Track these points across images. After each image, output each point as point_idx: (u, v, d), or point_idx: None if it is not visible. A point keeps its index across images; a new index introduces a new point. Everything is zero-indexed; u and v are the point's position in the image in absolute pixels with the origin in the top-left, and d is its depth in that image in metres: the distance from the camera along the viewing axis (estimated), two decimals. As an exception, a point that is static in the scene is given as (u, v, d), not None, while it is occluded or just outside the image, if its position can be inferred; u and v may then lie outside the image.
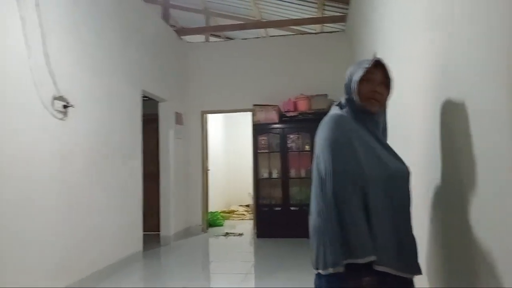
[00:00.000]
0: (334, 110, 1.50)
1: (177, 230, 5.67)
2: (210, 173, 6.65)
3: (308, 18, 6.25)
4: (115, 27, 4.21)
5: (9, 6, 2.75)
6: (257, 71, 6.25)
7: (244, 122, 8.15)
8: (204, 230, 6.24)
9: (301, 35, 6.51)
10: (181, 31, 6.47)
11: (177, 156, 5.80)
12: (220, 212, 7.29)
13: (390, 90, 1.44)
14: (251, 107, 5.97)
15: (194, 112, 6.34)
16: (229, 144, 8.95)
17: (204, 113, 6.41)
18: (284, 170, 5.75)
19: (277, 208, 5.70)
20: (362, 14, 4.06)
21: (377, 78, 1.41)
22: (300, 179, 5.72)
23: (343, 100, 1.50)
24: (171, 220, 5.52)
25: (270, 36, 7.09)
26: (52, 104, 3.14)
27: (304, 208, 5.55)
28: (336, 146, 1.37)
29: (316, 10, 6.16)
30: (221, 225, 6.81)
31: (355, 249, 1.28)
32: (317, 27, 6.71)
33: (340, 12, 5.87)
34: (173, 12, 6.54)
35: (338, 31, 6.27)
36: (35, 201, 2.91)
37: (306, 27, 6.70)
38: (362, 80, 1.40)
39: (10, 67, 2.74)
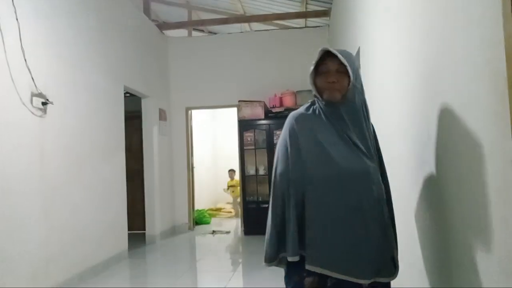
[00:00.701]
0: (300, 108, 1.53)
1: (163, 229, 5.59)
2: (196, 170, 6.57)
3: (291, 12, 6.21)
4: (94, 21, 4.09)
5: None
6: (241, 66, 6.18)
7: (230, 118, 8.10)
8: (190, 228, 6.17)
9: (285, 29, 6.47)
10: (163, 26, 6.36)
11: (162, 153, 5.71)
12: (207, 210, 7.22)
13: (351, 76, 1.37)
14: (236, 102, 5.92)
15: (178, 108, 6.25)
16: (215, 140, 8.87)
17: (188, 109, 6.32)
18: (271, 166, 5.70)
19: (264, 205, 5.67)
20: (346, 9, 4.05)
21: (331, 67, 1.39)
22: (287, 175, 5.69)
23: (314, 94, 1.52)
24: (157, 219, 5.43)
25: (254, 30, 7.04)
26: (31, 101, 3.03)
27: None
28: (281, 148, 1.45)
29: (299, 4, 6.13)
30: (208, 223, 6.75)
31: (287, 246, 1.37)
32: (301, 22, 6.69)
33: (323, 7, 5.86)
34: (154, 6, 6.42)
35: (322, 26, 6.26)
36: (13, 201, 2.80)
37: (290, 21, 6.67)
38: (318, 74, 1.42)
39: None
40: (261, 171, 5.81)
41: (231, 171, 7.92)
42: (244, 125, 5.80)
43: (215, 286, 3.56)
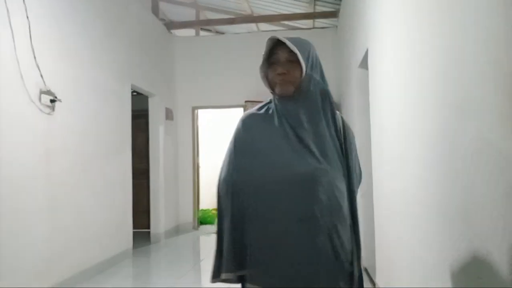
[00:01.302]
0: (253, 108, 1.43)
1: (167, 228, 5.61)
2: (201, 170, 6.58)
3: (299, 13, 6.20)
4: (102, 20, 4.11)
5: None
6: (248, 67, 6.14)
7: (236, 118, 8.08)
8: (195, 228, 6.18)
9: (293, 30, 6.46)
10: (170, 25, 6.37)
11: (167, 152, 5.72)
12: (212, 210, 7.22)
13: (302, 65, 1.21)
14: (243, 103, 5.91)
15: (185, 107, 6.26)
16: (221, 140, 8.86)
17: (195, 108, 6.33)
18: (276, 166, 5.69)
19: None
20: (355, 10, 4.03)
21: (280, 58, 1.24)
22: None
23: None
24: (162, 218, 5.45)
25: (262, 31, 7.04)
26: (40, 98, 3.05)
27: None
28: (227, 151, 1.34)
29: (307, 5, 6.12)
30: (212, 223, 6.73)
31: (225, 263, 1.25)
32: (308, 23, 6.67)
33: (332, 8, 5.84)
34: (162, 5, 6.44)
35: (330, 27, 6.24)
36: (18, 198, 2.82)
37: (297, 22, 6.66)
38: (269, 66, 1.29)
39: (-6, 59, 2.64)
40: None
41: None
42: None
43: (219, 286, 3.56)
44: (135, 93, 5.11)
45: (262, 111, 1.34)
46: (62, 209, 3.30)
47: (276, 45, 1.26)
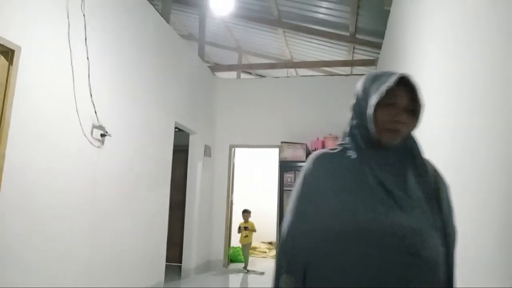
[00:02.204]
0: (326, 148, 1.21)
1: (198, 263, 5.64)
2: (234, 207, 6.65)
3: (338, 60, 6.38)
4: (153, 61, 4.43)
5: (60, 39, 2.97)
6: (286, 109, 6.35)
7: (271, 158, 8.20)
8: (225, 265, 6.16)
9: (331, 76, 6.62)
10: (215, 68, 6.72)
11: (204, 187, 5.87)
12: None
13: (418, 118, 1.04)
14: (278, 143, 6.03)
15: (222, 145, 6.46)
16: (254, 179, 8.95)
17: (232, 147, 6.51)
18: (309, 209, 5.67)
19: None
20: (393, 59, 4.12)
21: (402, 102, 1.03)
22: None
23: (349, 124, 1.15)
24: (193, 252, 5.50)
25: (300, 76, 7.25)
26: (92, 132, 3.30)
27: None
28: (294, 193, 1.12)
29: (346, 52, 6.29)
30: (242, 261, 6.70)
31: None
32: (347, 69, 6.82)
33: (370, 56, 5.97)
34: (208, 48, 6.83)
35: (368, 74, 6.34)
36: (63, 225, 2.99)
37: (336, 68, 6.83)
38: (381, 103, 1.02)
39: (57, 94, 2.92)
40: (299, 214, 5.76)
41: (246, 213, 6.63)
42: (285, 166, 5.87)
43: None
44: (177, 129, 5.36)
45: (337, 151, 1.13)
46: (103, 236, 3.45)
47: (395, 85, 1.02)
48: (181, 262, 5.53)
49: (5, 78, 2.55)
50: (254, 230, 6.47)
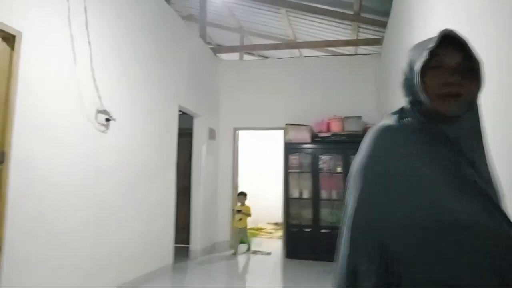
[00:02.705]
0: (385, 120, 1.00)
1: (205, 245, 5.70)
2: (238, 190, 6.67)
3: (342, 40, 6.27)
4: (154, 44, 4.37)
5: (61, 23, 2.92)
6: (290, 90, 6.29)
7: (275, 140, 8.18)
8: (231, 247, 6.22)
9: (335, 56, 6.53)
10: (217, 49, 6.63)
11: (208, 171, 5.88)
12: (248, 229, 7.25)
13: (478, 78, 0.88)
14: (283, 125, 6.00)
15: (227, 128, 6.43)
16: (259, 161, 8.96)
17: (236, 129, 6.49)
18: (315, 191, 5.69)
19: (307, 229, 5.64)
20: (399, 37, 4.04)
21: (450, 62, 0.88)
22: (331, 201, 5.65)
23: (406, 103, 0.99)
24: (200, 235, 5.56)
25: (304, 56, 7.16)
26: (96, 117, 3.28)
27: (335, 232, 5.46)
28: (362, 174, 0.93)
29: (350, 32, 6.19)
30: (246, 242, 6.76)
31: None
32: (351, 49, 6.72)
33: (375, 35, 5.86)
34: (209, 30, 6.73)
35: (373, 54, 6.25)
36: (65, 213, 2.99)
37: (340, 48, 6.73)
38: (428, 68, 0.89)
39: (59, 79, 2.89)
40: (305, 195, 5.79)
41: (241, 195, 6.21)
42: (290, 148, 5.85)
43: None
44: (180, 113, 5.33)
45: (402, 126, 0.96)
46: (107, 222, 3.46)
47: (438, 44, 0.89)
48: (188, 244, 5.59)
49: (7, 64, 2.53)
50: (249, 215, 6.09)
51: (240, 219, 6.04)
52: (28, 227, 2.59)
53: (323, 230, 5.55)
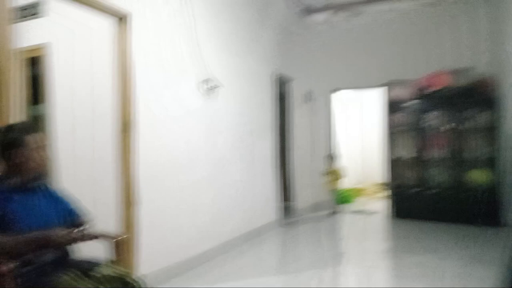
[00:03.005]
0: None
1: (308, 204, 5.87)
2: (341, 149, 6.65)
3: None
4: (252, 13, 4.45)
5: (164, 0, 3.14)
6: (390, 46, 5.91)
7: (376, 99, 7.86)
8: (333, 206, 6.29)
9: (438, 5, 5.88)
10: (308, 10, 6.45)
11: (306, 133, 5.94)
12: (351, 189, 7.23)
13: None
14: (384, 83, 5.71)
15: (323, 89, 6.35)
16: (362, 121, 8.73)
17: (333, 90, 6.37)
18: (421, 150, 5.39)
19: (413, 190, 5.42)
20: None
21: None
22: (439, 160, 5.31)
23: None
24: (303, 194, 5.73)
25: (403, 7, 6.58)
26: (203, 85, 3.53)
27: (444, 192, 5.18)
28: None
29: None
30: (352, 202, 6.78)
31: None
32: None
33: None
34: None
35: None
36: (190, 167, 3.36)
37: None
38: None
39: (170, 53, 3.17)
40: (410, 154, 5.52)
41: (331, 157, 6.15)
42: (393, 106, 5.57)
43: (361, 267, 3.62)
44: (276, 77, 5.40)
45: None
46: (221, 179, 3.81)
47: None
48: (292, 202, 5.81)
49: (124, 42, 2.82)
50: (339, 177, 6.05)
51: (330, 181, 6.04)
52: (158, 184, 2.97)
53: (431, 191, 5.29)
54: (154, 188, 2.94)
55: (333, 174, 6.00)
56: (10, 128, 1.71)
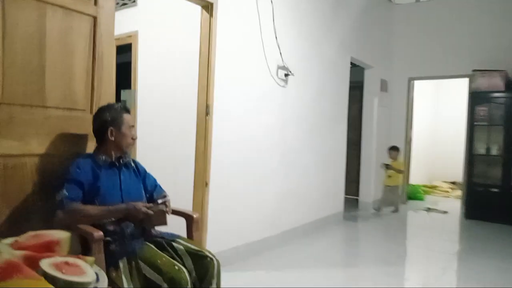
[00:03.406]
0: None
1: (375, 198, 5.69)
2: (412, 144, 6.32)
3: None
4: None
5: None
6: (476, 31, 5.44)
7: (456, 89, 7.35)
8: (403, 202, 6.05)
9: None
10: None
11: (380, 124, 5.71)
12: (421, 186, 6.89)
13: None
14: (468, 72, 5.30)
15: (400, 78, 6.05)
16: (436, 114, 8.22)
17: (411, 79, 6.04)
18: (508, 146, 4.95)
19: (494, 189, 5.02)
20: None
21: None
22: (527, 159, 4.85)
23: None
24: (371, 187, 5.56)
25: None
26: (277, 73, 3.54)
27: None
28: None
29: None
30: (422, 200, 6.45)
31: None
32: None
33: None
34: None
35: None
36: (260, 155, 3.40)
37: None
38: None
39: (248, 40, 3.21)
40: (494, 151, 5.10)
41: (393, 150, 5.57)
42: (477, 98, 5.16)
43: (429, 266, 3.46)
44: (351, 65, 5.25)
45: None
46: (291, 169, 3.81)
47: None
48: (358, 196, 5.69)
49: (207, 30, 2.93)
50: (399, 171, 5.45)
51: (390, 176, 5.45)
52: (228, 167, 3.07)
53: (513, 192, 4.87)
54: (225, 172, 3.04)
55: (394, 168, 5.41)
56: (111, 107, 1.86)
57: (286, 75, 3.64)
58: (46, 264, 0.82)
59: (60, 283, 0.79)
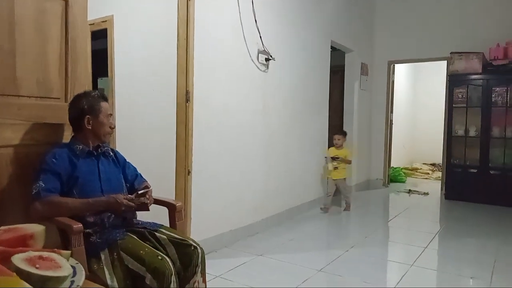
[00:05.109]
0: None
1: (358, 181, 5.76)
2: (393, 127, 6.40)
3: None
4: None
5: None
6: (455, 14, 5.49)
7: (434, 72, 7.45)
8: (384, 185, 6.14)
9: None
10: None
11: (361, 108, 5.75)
12: (402, 169, 7.01)
13: None
14: (446, 55, 5.36)
15: (380, 62, 6.08)
16: (415, 97, 8.33)
17: (391, 63, 6.08)
18: (485, 128, 5.05)
19: (472, 170, 5.14)
20: None
21: None
22: (505, 140, 4.97)
23: None
24: (354, 171, 5.62)
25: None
26: (257, 57, 3.49)
27: (507, 174, 4.88)
28: None
29: None
30: (403, 182, 6.57)
31: None
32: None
33: None
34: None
35: None
36: (244, 140, 3.38)
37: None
38: None
39: (227, 23, 3.14)
40: (472, 133, 5.20)
41: (339, 135, 4.55)
42: (455, 80, 5.24)
43: (411, 246, 3.53)
44: (331, 49, 5.23)
45: None
46: (274, 153, 3.81)
47: None
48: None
49: (185, 13, 2.84)
50: (347, 162, 4.51)
51: (336, 168, 4.47)
52: (211, 154, 3.03)
53: (492, 172, 4.99)
54: (208, 159, 3.00)
55: (340, 159, 4.43)
56: (88, 94, 1.79)
57: (267, 59, 3.59)
58: (18, 259, 0.78)
59: (34, 279, 0.75)
